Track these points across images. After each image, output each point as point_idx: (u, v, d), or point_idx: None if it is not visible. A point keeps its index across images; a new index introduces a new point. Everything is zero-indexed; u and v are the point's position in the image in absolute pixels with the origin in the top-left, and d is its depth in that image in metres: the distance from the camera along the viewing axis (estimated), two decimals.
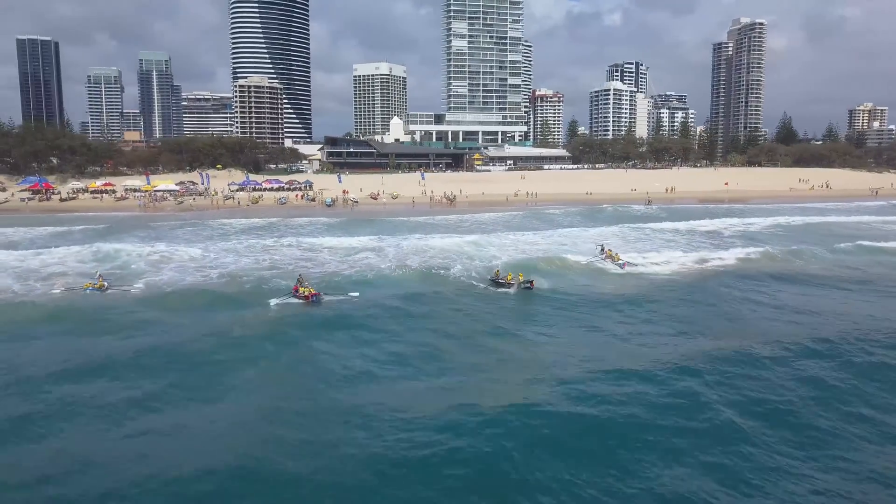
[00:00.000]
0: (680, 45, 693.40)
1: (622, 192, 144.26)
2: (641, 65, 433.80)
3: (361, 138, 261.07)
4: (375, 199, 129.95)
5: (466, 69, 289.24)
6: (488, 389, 23.56)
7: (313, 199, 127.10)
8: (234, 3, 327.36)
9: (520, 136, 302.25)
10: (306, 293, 36.76)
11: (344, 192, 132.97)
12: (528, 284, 40.27)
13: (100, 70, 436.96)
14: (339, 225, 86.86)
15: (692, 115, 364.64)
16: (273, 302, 36.30)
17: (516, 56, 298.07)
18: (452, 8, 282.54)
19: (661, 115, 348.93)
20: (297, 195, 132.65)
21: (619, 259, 49.59)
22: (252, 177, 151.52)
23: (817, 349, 27.74)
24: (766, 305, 37.14)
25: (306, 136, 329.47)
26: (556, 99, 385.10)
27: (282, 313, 34.94)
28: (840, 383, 24.06)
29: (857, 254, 55.88)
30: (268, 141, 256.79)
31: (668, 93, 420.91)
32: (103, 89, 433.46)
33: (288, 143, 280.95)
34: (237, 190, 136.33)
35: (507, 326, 32.67)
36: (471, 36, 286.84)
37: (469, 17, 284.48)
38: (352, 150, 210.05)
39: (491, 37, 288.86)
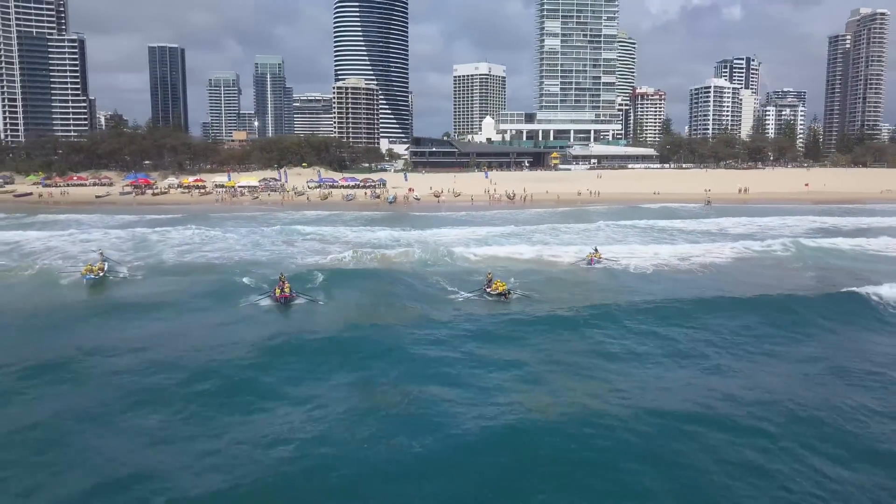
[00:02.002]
0: (803, 38, 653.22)
1: (693, 191, 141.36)
2: (753, 60, 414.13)
3: (446, 138, 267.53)
4: (438, 196, 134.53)
5: (559, 68, 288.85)
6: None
7: (378, 196, 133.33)
8: (337, 7, 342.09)
9: (614, 134, 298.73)
10: (279, 293, 34.50)
11: (409, 189, 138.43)
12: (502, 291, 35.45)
13: (220, 74, 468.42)
14: (379, 219, 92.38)
15: (802, 113, 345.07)
16: (247, 302, 35.18)
17: (611, 54, 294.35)
18: (545, 7, 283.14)
19: (767, 112, 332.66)
20: (366, 192, 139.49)
21: (599, 256, 48.94)
22: (332, 175, 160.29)
23: None
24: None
25: (403, 135, 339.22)
26: (658, 97, 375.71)
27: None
28: None
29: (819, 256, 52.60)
30: (363, 141, 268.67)
31: (785, 89, 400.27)
32: (222, 92, 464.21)
33: (384, 143, 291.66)
34: (316, 187, 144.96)
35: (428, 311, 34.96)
36: (564, 35, 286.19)
37: (562, 16, 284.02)
38: (434, 149, 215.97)
39: (584, 35, 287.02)
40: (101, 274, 39.59)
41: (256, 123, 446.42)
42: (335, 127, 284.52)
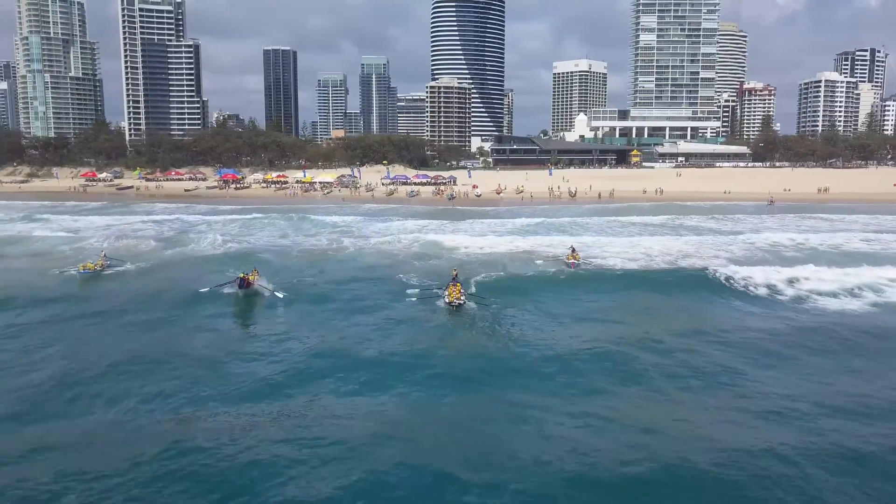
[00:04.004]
0: None
1: (768, 190, 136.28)
2: (879, 52, 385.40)
3: (542, 135, 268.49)
4: (499, 193, 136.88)
5: (654, 63, 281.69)
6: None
7: (440, 193, 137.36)
8: (434, 7, 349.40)
9: (718, 132, 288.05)
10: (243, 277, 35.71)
11: (473, 186, 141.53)
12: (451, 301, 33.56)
13: (328, 75, 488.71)
14: (421, 213, 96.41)
15: None
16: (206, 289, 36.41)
17: (710, 48, 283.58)
18: (642, 2, 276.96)
19: (888, 108, 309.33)
20: (434, 189, 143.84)
21: (577, 258, 50.67)
22: (406, 172, 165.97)
23: None
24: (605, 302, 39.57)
25: (497, 134, 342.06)
26: (767, 92, 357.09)
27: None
28: None
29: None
30: (454, 139, 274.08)
31: None
32: (330, 92, 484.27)
33: (476, 141, 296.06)
34: (389, 183, 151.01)
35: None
36: (660, 29, 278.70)
37: (659, 11, 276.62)
38: (514, 147, 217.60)
39: (682, 29, 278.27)
40: (98, 269, 42.28)
41: (361, 122, 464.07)
42: (427, 125, 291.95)
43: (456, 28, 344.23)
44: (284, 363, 25.35)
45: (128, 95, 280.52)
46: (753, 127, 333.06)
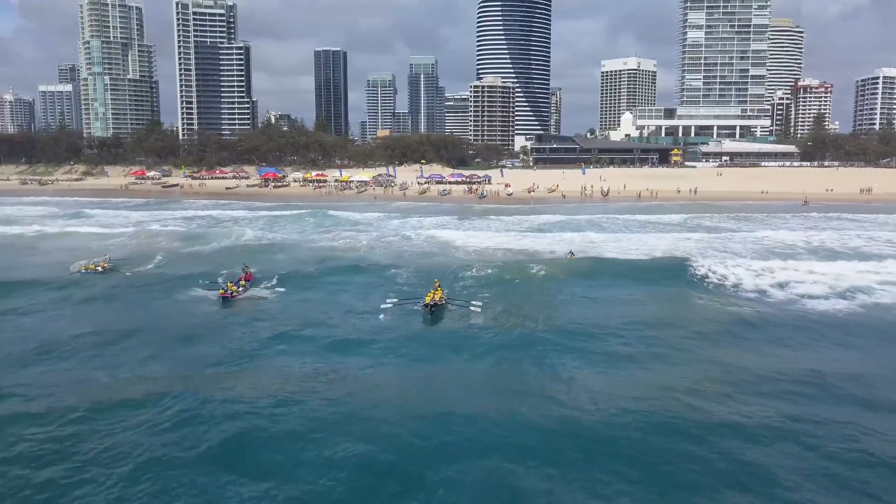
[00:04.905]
0: None
1: (812, 191, 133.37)
2: None
3: (588, 135, 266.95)
4: (530, 192, 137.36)
5: (702, 61, 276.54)
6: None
7: (472, 192, 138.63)
8: (480, 6, 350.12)
9: (763, 130, 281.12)
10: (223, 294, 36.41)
11: (506, 185, 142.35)
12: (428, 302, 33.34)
13: (377, 75, 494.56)
14: (448, 211, 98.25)
15: None
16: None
17: (761, 45, 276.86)
18: None
19: None
20: (466, 188, 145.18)
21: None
22: (441, 171, 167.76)
23: None
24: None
25: (542, 132, 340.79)
26: (823, 89, 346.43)
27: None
28: None
29: None
30: (497, 138, 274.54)
31: None
32: (379, 92, 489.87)
33: (520, 140, 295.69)
34: (423, 182, 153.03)
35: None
36: (708, 26, 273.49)
37: (707, 7, 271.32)
38: (554, 145, 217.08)
39: (732, 26, 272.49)
40: (101, 270, 44.64)
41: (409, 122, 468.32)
42: (471, 124, 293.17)
43: (501, 27, 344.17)
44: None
45: (181, 96, 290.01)
46: (807, 125, 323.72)
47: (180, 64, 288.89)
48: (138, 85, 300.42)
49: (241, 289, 37.85)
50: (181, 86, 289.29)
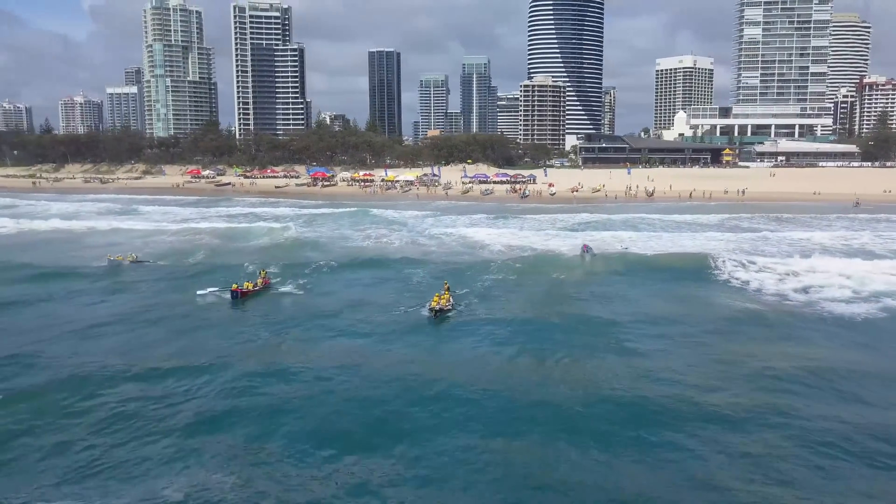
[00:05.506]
0: None
1: (869, 192, 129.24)
2: None
3: (621, 135, 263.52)
4: (574, 192, 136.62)
5: (759, 59, 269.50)
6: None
7: (513, 191, 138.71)
8: (532, 5, 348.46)
9: (825, 129, 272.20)
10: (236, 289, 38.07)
11: (549, 185, 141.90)
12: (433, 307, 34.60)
13: (430, 75, 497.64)
14: (487, 209, 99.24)
15: None
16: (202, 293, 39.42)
17: (822, 41, 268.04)
18: None
19: None
20: (509, 188, 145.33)
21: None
22: (488, 170, 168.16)
23: None
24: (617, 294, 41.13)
25: (594, 132, 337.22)
26: (890, 87, 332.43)
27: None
28: None
29: None
30: (548, 137, 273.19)
31: None
32: (432, 92, 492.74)
33: (571, 139, 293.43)
34: (467, 182, 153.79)
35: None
36: (766, 23, 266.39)
37: (765, 3, 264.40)
38: (604, 145, 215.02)
39: (791, 22, 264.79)
40: (127, 262, 49.15)
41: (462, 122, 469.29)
42: (521, 124, 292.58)
43: (553, 26, 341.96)
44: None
45: (238, 97, 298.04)
46: (872, 124, 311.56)
47: (237, 65, 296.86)
48: (198, 86, 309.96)
49: (254, 286, 39.37)
50: (238, 87, 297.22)
